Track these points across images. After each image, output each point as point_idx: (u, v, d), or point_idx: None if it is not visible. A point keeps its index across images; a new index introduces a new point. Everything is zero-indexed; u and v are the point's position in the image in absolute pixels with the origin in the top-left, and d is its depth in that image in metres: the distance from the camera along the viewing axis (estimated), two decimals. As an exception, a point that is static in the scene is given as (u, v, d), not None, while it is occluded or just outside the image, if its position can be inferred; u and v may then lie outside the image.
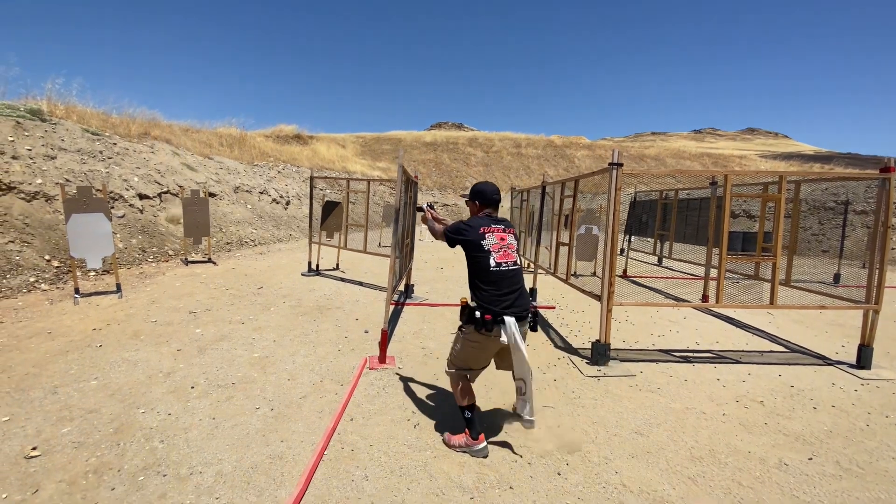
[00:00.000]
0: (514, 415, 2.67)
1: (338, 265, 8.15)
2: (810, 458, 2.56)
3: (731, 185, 3.93)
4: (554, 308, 6.07)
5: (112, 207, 8.18)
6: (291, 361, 3.75)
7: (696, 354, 4.27)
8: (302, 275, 7.36)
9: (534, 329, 2.60)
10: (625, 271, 8.71)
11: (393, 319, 5.09)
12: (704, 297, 6.18)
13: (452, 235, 2.59)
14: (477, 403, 2.65)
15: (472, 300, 2.48)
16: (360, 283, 7.04)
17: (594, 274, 8.63)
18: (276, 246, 11.16)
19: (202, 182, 11.56)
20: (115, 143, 9.85)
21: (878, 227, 3.93)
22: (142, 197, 9.05)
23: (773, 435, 2.81)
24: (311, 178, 7.41)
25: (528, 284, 6.85)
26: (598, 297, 3.99)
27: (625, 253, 9.41)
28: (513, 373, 2.48)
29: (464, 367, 2.55)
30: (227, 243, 9.97)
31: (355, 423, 2.81)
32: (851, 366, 4.03)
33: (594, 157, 32.29)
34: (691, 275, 8.70)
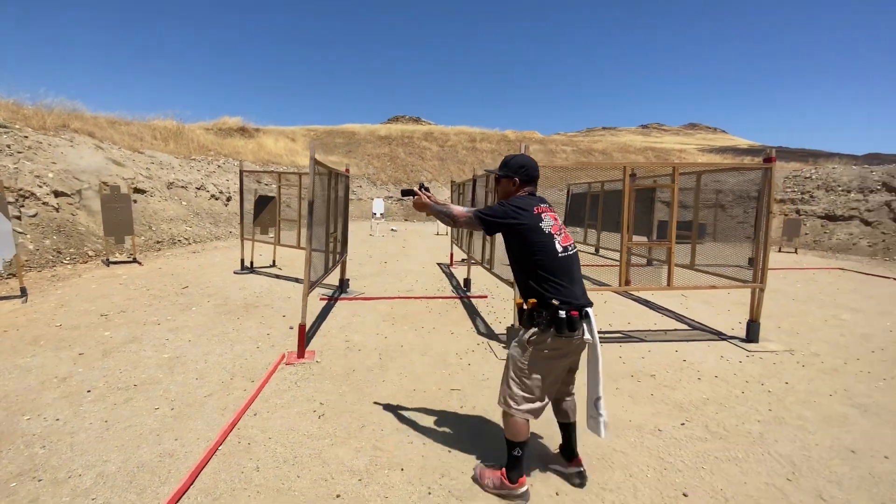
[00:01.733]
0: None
1: (274, 262, 7.96)
2: (682, 424, 2.81)
3: (653, 176, 4.17)
4: (486, 297, 6.22)
5: (22, 206, 7.58)
6: (203, 361, 3.66)
7: (606, 335, 4.54)
8: (234, 273, 7.14)
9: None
10: (561, 260, 9.05)
11: (322, 315, 5.06)
12: (627, 282, 6.53)
13: (497, 220, 2.05)
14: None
15: (545, 298, 1.97)
16: (296, 280, 6.92)
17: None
18: (212, 244, 10.73)
19: (130, 178, 10.91)
20: (26, 137, 9.10)
21: (762, 212, 4.31)
22: (58, 194, 8.43)
23: (656, 405, 3.05)
24: (241, 172, 7.18)
25: (462, 275, 7.07)
26: (512, 284, 4.15)
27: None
28: (587, 387, 2.14)
29: (540, 397, 2.04)
30: (158, 242, 9.49)
31: (258, 418, 2.80)
32: (742, 340, 4.42)
33: (546, 151, 33.09)
34: (616, 261, 9.16)
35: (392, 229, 17.66)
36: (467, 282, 6.70)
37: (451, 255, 9.19)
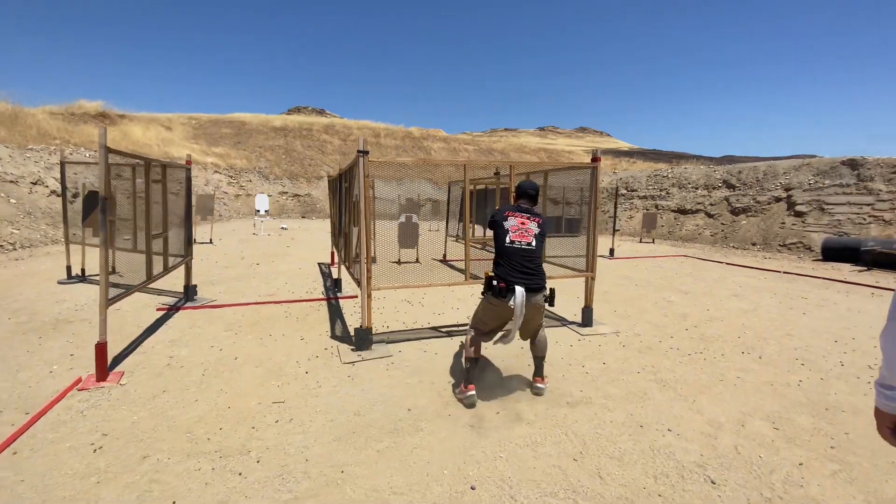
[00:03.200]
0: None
1: (114, 269, 6.96)
2: (497, 413, 2.91)
3: (508, 174, 4.28)
4: (356, 297, 6.05)
5: None
6: (-34, 393, 3.01)
7: (459, 328, 4.64)
8: (59, 283, 6.12)
9: (551, 304, 3.11)
10: (444, 256, 9.20)
11: (153, 328, 4.51)
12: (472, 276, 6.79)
13: (489, 221, 3.23)
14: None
15: (493, 271, 3.03)
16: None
17: (417, 260, 8.95)
18: (46, 249, 9.16)
19: (-71, 170, 8.88)
20: None
21: (592, 207, 4.69)
22: None
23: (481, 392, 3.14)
24: (63, 164, 6.12)
25: (335, 274, 6.82)
26: (359, 283, 4.04)
27: (454, 239, 9.93)
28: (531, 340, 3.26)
29: (479, 327, 3.11)
30: (-35, 249, 7.84)
31: (17, 457, 2.35)
32: (579, 325, 4.79)
33: (449, 149, 33.67)
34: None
35: (283, 227, 16.68)
36: (338, 282, 6.47)
37: (332, 253, 8.86)
